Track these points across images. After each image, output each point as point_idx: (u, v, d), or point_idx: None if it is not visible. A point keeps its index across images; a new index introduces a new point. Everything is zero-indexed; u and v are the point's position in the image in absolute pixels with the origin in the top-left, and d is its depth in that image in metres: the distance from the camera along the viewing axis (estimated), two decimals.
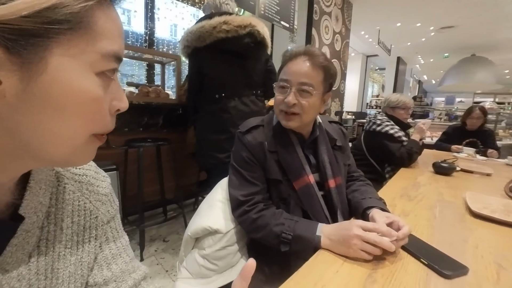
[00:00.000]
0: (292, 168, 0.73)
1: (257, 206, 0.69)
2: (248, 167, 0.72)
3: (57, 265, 0.32)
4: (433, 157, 1.95)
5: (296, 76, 0.70)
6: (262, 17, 2.72)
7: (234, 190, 0.72)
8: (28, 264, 0.29)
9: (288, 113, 0.71)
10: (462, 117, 2.38)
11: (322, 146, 0.80)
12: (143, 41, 3.46)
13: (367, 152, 1.71)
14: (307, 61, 0.70)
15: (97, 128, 0.26)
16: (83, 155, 0.28)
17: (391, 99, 1.71)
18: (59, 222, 0.33)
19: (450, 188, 1.13)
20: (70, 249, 0.34)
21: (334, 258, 0.54)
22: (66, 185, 0.34)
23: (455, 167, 1.37)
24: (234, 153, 0.76)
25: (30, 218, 0.29)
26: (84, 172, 0.37)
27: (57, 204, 0.33)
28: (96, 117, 0.26)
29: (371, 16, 4.88)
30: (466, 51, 6.15)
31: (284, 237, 0.62)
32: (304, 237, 0.61)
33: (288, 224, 0.64)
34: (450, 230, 0.72)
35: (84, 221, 0.36)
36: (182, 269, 0.74)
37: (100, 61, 0.24)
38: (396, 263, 0.53)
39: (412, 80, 10.90)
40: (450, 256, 0.56)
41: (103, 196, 0.39)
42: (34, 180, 0.30)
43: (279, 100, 0.73)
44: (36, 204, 0.29)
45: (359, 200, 0.75)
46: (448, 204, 0.93)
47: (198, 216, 0.74)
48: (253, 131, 0.76)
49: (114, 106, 0.27)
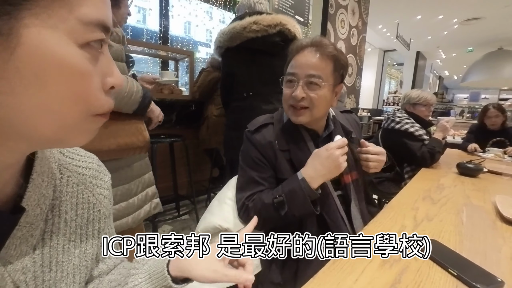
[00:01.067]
0: (303, 166, 0.69)
1: (254, 197, 0.69)
2: (258, 168, 0.70)
3: (62, 257, 0.32)
4: (457, 157, 1.84)
5: (304, 68, 0.67)
6: (276, 11, 2.66)
7: (240, 192, 0.72)
8: (33, 257, 0.29)
9: (297, 107, 0.68)
10: (478, 118, 2.22)
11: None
12: (158, 38, 3.50)
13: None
14: (314, 52, 0.67)
15: (91, 107, 0.24)
16: (80, 134, 0.26)
17: (412, 95, 1.62)
18: (63, 215, 0.33)
19: (478, 191, 1.06)
20: (74, 241, 0.34)
21: (354, 264, 0.50)
22: (69, 178, 0.34)
23: (481, 168, 1.28)
24: (242, 153, 0.74)
25: (33, 211, 0.28)
26: (87, 165, 0.37)
27: (61, 197, 0.33)
28: (86, 94, 0.24)
29: (389, 9, 4.68)
30: (492, 44, 5.78)
31: (276, 201, 0.64)
32: (291, 189, 0.63)
33: (276, 189, 0.67)
34: (480, 238, 0.66)
35: (87, 214, 0.36)
36: None
37: (82, 30, 0.22)
38: (421, 273, 0.49)
39: (432, 76, 10.44)
40: (482, 267, 0.51)
41: (105, 190, 0.39)
42: (37, 172, 0.29)
43: (287, 94, 0.70)
44: (39, 196, 0.29)
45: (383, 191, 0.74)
46: (476, 209, 0.86)
47: (209, 213, 0.73)
48: (262, 130, 0.73)
49: (107, 82, 0.26)
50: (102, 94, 0.25)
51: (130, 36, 3.70)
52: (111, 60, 0.26)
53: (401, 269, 0.50)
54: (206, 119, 2.03)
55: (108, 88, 0.26)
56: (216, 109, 1.99)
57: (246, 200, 0.69)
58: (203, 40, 6.55)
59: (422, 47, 7.19)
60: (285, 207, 0.63)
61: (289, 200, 0.62)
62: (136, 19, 4.22)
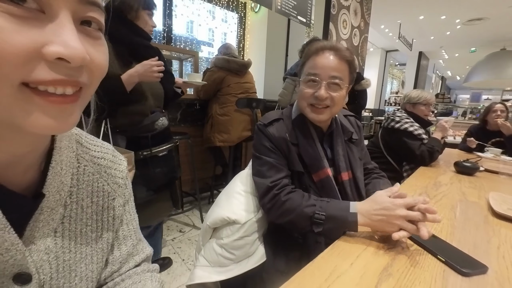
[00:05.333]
0: (312, 161, 0.74)
1: (285, 188, 0.70)
2: (273, 155, 0.74)
3: (80, 240, 0.34)
4: (456, 156, 1.87)
5: (326, 70, 0.71)
6: (279, 12, 2.70)
7: (261, 178, 0.72)
8: (55, 239, 0.31)
9: (319, 106, 0.73)
10: (481, 116, 2.20)
11: (337, 139, 0.81)
12: (162, 38, 3.55)
13: (384, 150, 1.67)
14: (333, 55, 0.72)
15: (12, 73, 0.20)
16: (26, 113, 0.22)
17: (412, 95, 1.65)
18: (80, 201, 0.35)
19: (473, 188, 1.09)
20: (90, 226, 0.36)
21: (350, 250, 0.55)
22: (86, 167, 0.36)
23: (478, 167, 1.32)
24: (256, 145, 0.77)
25: (53, 196, 0.30)
26: (103, 156, 0.39)
27: (78, 185, 0.35)
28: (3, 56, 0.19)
29: (392, 9, 4.69)
30: (495, 44, 5.75)
31: (317, 217, 0.62)
32: (337, 216, 0.61)
33: (319, 204, 0.64)
34: (471, 230, 0.70)
35: (102, 202, 0.38)
36: (200, 258, 0.77)
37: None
38: (412, 259, 0.53)
39: (434, 76, 10.41)
40: (469, 255, 0.55)
41: (119, 179, 0.40)
42: (56, 161, 0.31)
43: (308, 93, 0.73)
44: (58, 183, 0.31)
45: (371, 193, 0.75)
46: (470, 205, 0.90)
47: (217, 206, 0.77)
48: (274, 124, 0.77)
49: (50, 52, 0.21)
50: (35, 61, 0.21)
51: None
52: (68, 28, 0.22)
53: (394, 255, 0.54)
54: (210, 118, 2.08)
55: (53, 58, 0.21)
56: (220, 108, 2.04)
57: (271, 184, 0.69)
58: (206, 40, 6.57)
59: (424, 47, 7.18)
60: (321, 226, 0.62)
61: (328, 222, 0.62)
62: None
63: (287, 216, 0.67)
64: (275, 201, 0.68)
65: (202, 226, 0.81)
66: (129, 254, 0.43)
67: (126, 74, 0.97)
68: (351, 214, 0.61)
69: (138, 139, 1.08)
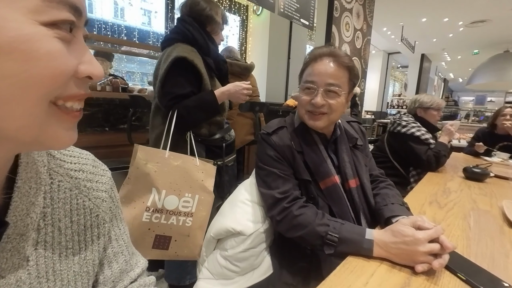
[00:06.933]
0: (318, 168, 0.72)
1: (297, 202, 0.67)
2: (278, 165, 0.72)
3: (59, 266, 0.31)
4: (463, 160, 1.84)
5: (323, 77, 0.69)
6: (282, 15, 2.69)
7: (268, 189, 0.70)
8: (27, 269, 0.27)
9: (316, 113, 0.71)
10: (490, 120, 2.17)
11: (342, 145, 0.79)
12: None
13: (390, 154, 1.64)
14: (332, 62, 0.70)
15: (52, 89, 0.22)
16: (51, 130, 0.23)
17: (424, 99, 1.62)
18: (56, 223, 0.31)
19: (484, 196, 1.06)
20: (72, 249, 0.32)
21: (363, 267, 0.52)
22: (60, 183, 0.32)
23: (488, 173, 1.28)
24: (260, 154, 0.75)
25: (22, 221, 0.27)
26: (80, 167, 0.35)
27: (53, 204, 0.31)
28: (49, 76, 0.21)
29: (394, 11, 4.68)
30: (498, 47, 5.73)
31: (329, 238, 0.59)
32: (351, 240, 0.58)
33: (333, 225, 0.61)
34: (487, 243, 0.67)
35: (84, 220, 0.34)
36: (204, 270, 0.75)
37: (43, 7, 0.20)
38: (430, 277, 0.50)
39: (437, 79, 10.37)
40: (490, 272, 0.52)
41: (102, 193, 0.36)
42: (22, 180, 0.27)
43: (306, 101, 0.72)
44: (27, 205, 0.27)
45: (381, 207, 0.72)
46: (483, 214, 0.87)
47: (221, 216, 0.75)
48: (278, 132, 0.75)
49: (83, 70, 0.24)
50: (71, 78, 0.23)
51: (137, 38, 3.76)
52: (87, 50, 0.25)
53: (410, 272, 0.51)
54: None
55: (83, 77, 0.24)
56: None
57: (279, 195, 0.67)
58: None
59: (427, 50, 7.16)
60: (333, 248, 0.59)
61: (341, 245, 0.59)
62: (141, 21, 4.29)
63: (298, 231, 0.64)
64: (286, 214, 0.66)
65: (206, 236, 0.78)
66: (122, 271, 0.40)
67: (218, 91, 1.01)
68: (367, 241, 0.57)
69: (213, 148, 1.13)
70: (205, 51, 1.04)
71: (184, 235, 0.84)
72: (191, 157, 0.89)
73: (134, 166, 0.80)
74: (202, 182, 0.87)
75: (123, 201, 0.80)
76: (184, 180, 0.84)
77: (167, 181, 0.82)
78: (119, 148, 1.78)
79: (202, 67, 1.00)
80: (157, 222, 0.82)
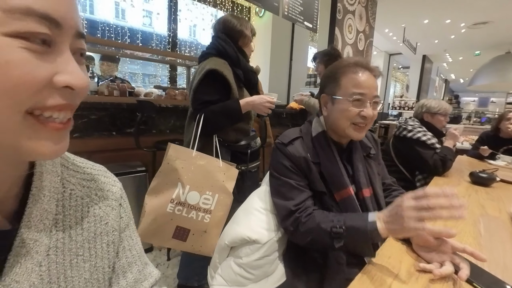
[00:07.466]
0: (334, 179, 0.72)
1: (306, 210, 0.68)
2: (293, 175, 0.72)
3: (70, 273, 0.31)
4: (467, 164, 1.84)
5: (371, 89, 0.71)
6: (286, 18, 2.70)
7: (284, 200, 0.71)
8: (40, 274, 0.28)
9: (362, 125, 0.72)
10: (494, 123, 2.16)
11: (356, 154, 0.79)
12: (167, 43, 3.56)
13: (396, 158, 1.65)
14: (373, 75, 0.73)
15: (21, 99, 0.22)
16: (30, 140, 0.23)
17: (431, 104, 1.62)
18: (67, 230, 0.32)
19: (492, 201, 1.07)
20: (82, 256, 0.33)
21: (381, 277, 0.53)
22: (72, 191, 0.33)
23: (494, 177, 1.29)
24: (274, 164, 0.76)
25: (36, 226, 0.28)
26: (92, 178, 0.36)
27: (64, 211, 0.32)
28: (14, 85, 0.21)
29: (396, 13, 4.69)
30: (500, 48, 5.74)
31: (335, 231, 0.60)
32: (356, 227, 0.59)
33: (337, 218, 0.63)
34: (498, 249, 0.68)
35: (94, 228, 0.35)
36: (217, 276, 0.75)
37: (4, 18, 0.20)
38: (448, 286, 0.51)
39: (438, 79, 10.38)
40: (505, 281, 0.53)
41: (113, 202, 0.38)
42: (37, 188, 0.29)
43: (355, 112, 0.71)
44: (40, 211, 0.29)
45: None
46: (492, 220, 0.88)
47: (235, 224, 0.75)
48: (294, 143, 0.75)
49: (59, 81, 0.24)
50: (45, 88, 0.23)
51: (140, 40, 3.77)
52: (70, 60, 0.25)
53: (427, 283, 0.52)
54: None
55: (62, 87, 0.24)
56: None
57: (294, 208, 0.68)
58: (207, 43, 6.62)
59: (428, 51, 7.17)
60: (341, 240, 0.60)
61: (348, 235, 0.60)
62: (142, 22, 4.31)
63: (308, 236, 0.65)
64: (297, 223, 0.67)
65: (219, 243, 0.79)
66: (136, 281, 0.40)
67: (244, 100, 1.09)
68: (370, 223, 0.58)
69: (239, 154, 1.20)
70: (236, 63, 1.14)
71: (202, 230, 0.93)
72: (215, 158, 0.98)
73: (165, 162, 0.91)
74: (223, 183, 0.95)
75: (152, 191, 0.91)
76: (206, 179, 0.93)
77: (191, 177, 0.92)
78: (125, 152, 1.80)
79: (232, 78, 1.09)
80: (179, 214, 0.91)
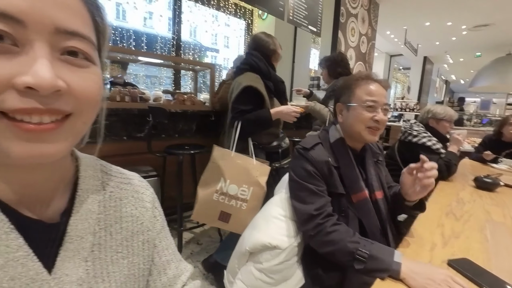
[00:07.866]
0: (352, 183, 0.78)
1: (330, 219, 0.72)
2: (314, 181, 0.76)
3: (112, 268, 0.33)
4: (470, 168, 1.88)
5: (381, 97, 0.81)
6: (291, 22, 2.73)
7: (304, 204, 0.74)
8: (86, 268, 0.30)
9: (375, 128, 0.80)
10: (497, 128, 2.19)
11: (368, 160, 0.86)
12: (171, 45, 3.59)
13: (401, 163, 1.69)
14: (382, 86, 0.83)
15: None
16: (11, 142, 0.23)
17: (437, 110, 1.66)
18: (108, 228, 0.34)
19: (497, 206, 1.11)
20: (121, 253, 0.35)
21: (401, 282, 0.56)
22: (112, 193, 0.36)
23: (499, 182, 1.33)
24: (295, 168, 0.80)
25: (82, 224, 0.31)
26: (129, 181, 0.40)
27: (105, 211, 0.35)
28: None
29: (398, 15, 4.73)
30: (501, 49, 5.76)
31: (359, 254, 0.64)
32: (381, 259, 0.62)
33: (363, 243, 0.66)
34: (505, 255, 0.71)
35: (132, 227, 0.37)
36: (238, 281, 0.79)
37: None
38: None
39: (438, 80, 10.42)
40: (507, 282, 0.56)
41: (147, 203, 0.40)
42: (82, 190, 0.32)
43: (368, 117, 0.80)
44: (86, 211, 0.32)
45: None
46: (498, 225, 0.92)
47: (255, 230, 0.79)
48: (315, 148, 0.80)
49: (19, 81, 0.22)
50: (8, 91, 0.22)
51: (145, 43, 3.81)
52: (37, 60, 0.23)
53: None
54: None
55: (22, 88, 0.22)
56: None
57: (315, 212, 0.72)
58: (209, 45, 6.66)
59: (429, 52, 7.21)
60: (362, 264, 0.63)
61: (370, 262, 0.63)
62: (143, 23, 4.35)
63: (329, 247, 0.69)
64: (319, 230, 0.70)
65: (238, 249, 0.83)
66: (175, 276, 0.44)
67: (274, 110, 1.34)
68: (395, 262, 0.60)
69: (272, 154, 1.43)
70: (267, 77, 1.38)
71: (240, 216, 1.20)
72: (250, 158, 1.26)
73: (211, 160, 1.24)
74: (257, 178, 1.21)
75: (202, 183, 1.24)
76: (243, 174, 1.21)
77: (231, 173, 1.20)
78: (135, 156, 1.84)
79: (264, 90, 1.33)
80: (222, 202, 1.21)
